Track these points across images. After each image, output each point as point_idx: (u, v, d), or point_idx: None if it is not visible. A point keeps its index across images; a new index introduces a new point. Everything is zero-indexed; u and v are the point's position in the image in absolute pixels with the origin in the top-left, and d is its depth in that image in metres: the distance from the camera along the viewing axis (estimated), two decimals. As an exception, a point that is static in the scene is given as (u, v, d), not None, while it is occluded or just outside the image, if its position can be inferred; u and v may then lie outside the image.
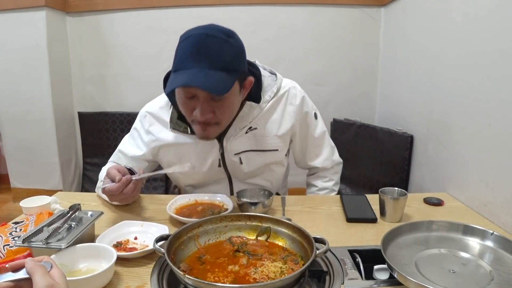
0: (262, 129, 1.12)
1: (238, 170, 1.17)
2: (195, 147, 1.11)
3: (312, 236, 0.74)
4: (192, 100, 0.95)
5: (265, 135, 1.12)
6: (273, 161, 1.18)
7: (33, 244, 0.76)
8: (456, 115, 1.38)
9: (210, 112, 0.95)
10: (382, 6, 2.42)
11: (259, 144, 1.13)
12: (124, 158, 1.19)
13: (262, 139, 1.12)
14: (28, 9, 2.36)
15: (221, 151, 1.13)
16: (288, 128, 1.14)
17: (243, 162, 1.14)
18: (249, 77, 1.00)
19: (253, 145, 1.13)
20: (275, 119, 1.13)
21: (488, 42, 1.18)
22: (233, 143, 1.11)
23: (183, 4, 2.47)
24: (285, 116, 1.14)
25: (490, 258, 0.79)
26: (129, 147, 1.19)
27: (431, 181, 1.61)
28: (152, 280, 0.74)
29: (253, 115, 1.09)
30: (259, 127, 1.11)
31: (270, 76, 1.14)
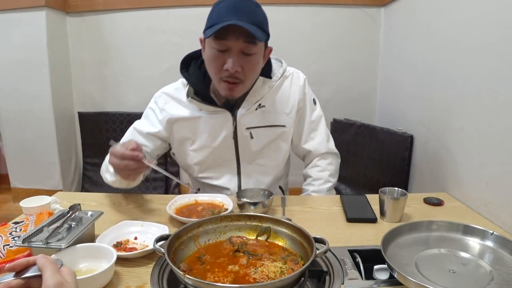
0: (270, 107, 1.19)
1: (248, 148, 1.21)
2: (209, 121, 1.17)
3: (312, 236, 0.74)
4: (224, 54, 1.02)
5: (273, 111, 1.20)
6: (280, 137, 1.23)
7: (33, 244, 0.76)
8: (456, 115, 1.38)
9: (239, 66, 1.02)
10: (382, 6, 2.42)
11: (268, 120, 1.20)
12: (139, 135, 1.21)
13: (271, 115, 1.20)
14: (28, 9, 2.36)
15: (235, 125, 1.17)
16: (294, 105, 1.22)
17: (253, 137, 1.19)
18: (269, 46, 1.11)
19: (262, 122, 1.19)
20: (282, 97, 1.21)
21: (488, 42, 1.18)
22: (245, 118, 1.17)
23: (183, 4, 2.47)
24: (290, 94, 1.22)
25: (490, 258, 0.79)
26: (144, 124, 1.23)
27: (431, 181, 1.61)
28: (152, 280, 0.74)
29: (264, 92, 1.17)
30: (268, 105, 1.19)
31: (277, 62, 1.25)
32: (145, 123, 1.23)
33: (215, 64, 1.04)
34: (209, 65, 1.07)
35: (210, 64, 1.06)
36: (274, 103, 1.20)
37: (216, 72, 1.05)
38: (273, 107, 1.20)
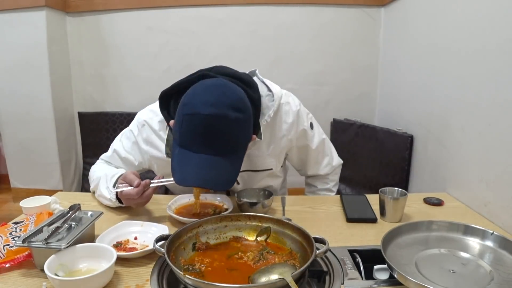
0: (256, 150, 1.11)
1: (234, 188, 1.18)
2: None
3: (312, 236, 0.74)
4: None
5: (259, 155, 1.12)
6: (268, 177, 1.20)
7: (33, 244, 0.76)
8: (456, 115, 1.38)
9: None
10: (382, 6, 2.42)
11: (253, 165, 1.13)
12: (119, 160, 1.19)
13: (257, 159, 1.13)
14: (28, 9, 2.36)
15: None
16: (282, 147, 1.14)
17: (239, 182, 1.17)
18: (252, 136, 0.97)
19: (248, 166, 1.13)
20: (269, 140, 1.12)
21: (488, 42, 1.18)
22: None
23: (183, 4, 2.47)
24: (278, 134, 1.12)
25: (490, 258, 0.79)
26: (125, 150, 1.18)
27: (431, 181, 1.61)
28: (152, 280, 0.74)
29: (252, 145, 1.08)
30: (254, 148, 1.11)
31: (268, 96, 1.10)
32: (126, 148, 1.17)
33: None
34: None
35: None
36: (260, 147, 1.11)
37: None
38: (259, 151, 1.11)
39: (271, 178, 1.22)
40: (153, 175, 1.07)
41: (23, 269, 0.80)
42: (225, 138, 0.86)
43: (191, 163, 0.86)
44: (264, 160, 1.13)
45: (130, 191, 0.95)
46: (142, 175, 1.05)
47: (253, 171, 1.15)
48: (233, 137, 0.88)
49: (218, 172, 0.86)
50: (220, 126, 0.85)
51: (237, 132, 0.88)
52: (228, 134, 0.87)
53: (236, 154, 0.90)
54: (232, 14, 2.46)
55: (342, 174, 1.39)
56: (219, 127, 0.85)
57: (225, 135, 0.86)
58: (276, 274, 0.66)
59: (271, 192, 1.10)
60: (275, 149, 1.13)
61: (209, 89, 0.89)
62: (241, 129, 0.89)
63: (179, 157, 0.88)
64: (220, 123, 0.84)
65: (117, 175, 1.07)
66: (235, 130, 0.87)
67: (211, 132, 0.85)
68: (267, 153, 1.12)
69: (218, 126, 0.84)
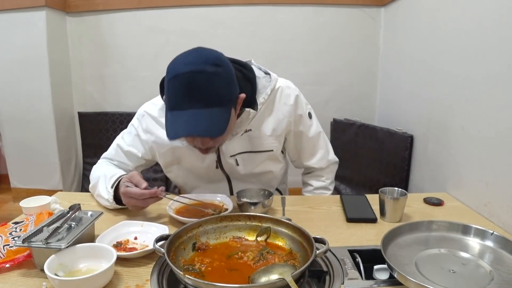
0: (256, 131, 1.12)
1: (235, 171, 1.19)
2: (192, 150, 1.09)
3: (312, 236, 0.74)
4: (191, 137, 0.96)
5: (260, 136, 1.13)
6: (269, 160, 1.20)
7: (33, 244, 0.76)
8: (456, 115, 1.38)
9: (210, 141, 0.97)
10: (382, 6, 2.42)
11: (254, 146, 1.14)
12: (122, 154, 1.19)
13: (257, 140, 1.13)
14: (28, 9, 2.36)
15: (217, 154, 1.14)
16: (282, 128, 1.15)
17: (239, 163, 1.16)
18: (240, 95, 0.99)
19: (248, 147, 1.14)
20: (269, 120, 1.13)
21: (488, 42, 1.18)
22: (229, 146, 1.12)
23: (183, 4, 2.47)
24: (279, 116, 1.14)
25: (490, 258, 0.79)
26: (127, 143, 1.19)
27: (431, 181, 1.61)
28: (152, 280, 0.74)
29: (250, 120, 1.10)
30: (254, 128, 1.12)
31: (265, 77, 1.13)
32: (128, 142, 1.19)
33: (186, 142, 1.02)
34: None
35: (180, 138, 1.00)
36: (260, 127, 1.12)
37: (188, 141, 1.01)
38: (260, 131, 1.12)
39: (271, 162, 1.21)
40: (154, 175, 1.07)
41: (23, 269, 0.80)
42: (207, 91, 0.89)
43: (181, 119, 0.89)
44: (264, 141, 1.14)
45: (135, 191, 0.96)
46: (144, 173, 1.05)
47: (253, 152, 1.15)
48: (215, 90, 0.90)
49: (207, 122, 0.89)
50: (200, 81, 0.88)
51: (218, 84, 0.91)
52: (210, 87, 0.89)
53: (223, 107, 0.92)
54: (232, 14, 2.46)
55: (342, 174, 1.39)
56: (199, 82, 0.88)
57: (207, 88, 0.89)
58: (276, 274, 0.66)
59: (271, 192, 1.10)
60: (276, 131, 1.14)
61: (186, 52, 0.95)
62: (221, 82, 0.91)
63: (170, 119, 0.92)
64: (200, 78, 0.88)
65: (117, 176, 1.07)
66: (216, 83, 0.90)
67: (193, 88, 0.89)
68: (268, 134, 1.13)
69: (198, 81, 0.88)
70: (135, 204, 0.98)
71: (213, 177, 1.21)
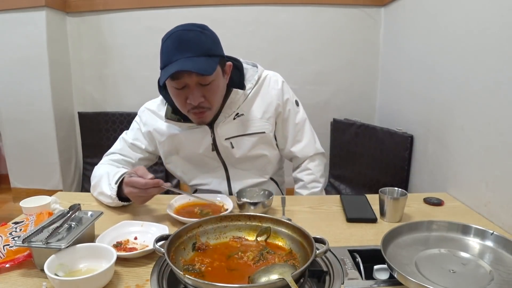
0: (248, 115, 1.20)
1: (230, 155, 1.23)
2: (189, 136, 1.20)
3: (312, 236, 0.74)
4: (183, 90, 1.04)
5: (251, 119, 1.20)
6: (262, 144, 1.24)
7: (33, 244, 0.76)
8: (456, 115, 1.38)
9: (201, 97, 1.04)
10: (382, 6, 2.42)
11: (246, 128, 1.21)
12: (127, 147, 1.26)
13: (249, 123, 1.20)
14: (28, 9, 2.36)
15: (213, 136, 1.19)
16: (272, 111, 1.22)
17: (234, 146, 1.21)
18: (227, 62, 1.11)
19: (242, 130, 1.20)
20: (259, 104, 1.21)
21: (488, 42, 1.18)
22: (223, 129, 1.18)
23: (183, 4, 2.47)
24: (267, 99, 1.22)
25: (490, 258, 0.79)
26: (130, 137, 1.27)
27: (431, 181, 1.61)
28: (152, 280, 0.74)
29: (239, 102, 1.17)
30: (246, 113, 1.20)
31: (252, 68, 1.23)
32: (131, 136, 1.27)
33: (179, 100, 1.07)
34: (174, 101, 1.10)
35: (175, 100, 1.09)
36: (251, 111, 1.20)
37: (182, 106, 1.08)
38: (251, 115, 1.20)
39: (265, 146, 1.25)
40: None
41: (23, 269, 0.80)
42: (195, 44, 0.99)
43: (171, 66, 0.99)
44: (255, 124, 1.21)
45: (138, 180, 0.97)
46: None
47: (246, 135, 1.21)
48: (202, 43, 1.01)
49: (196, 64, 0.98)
50: (189, 36, 1.00)
51: (205, 40, 1.02)
52: (197, 41, 1.00)
53: (210, 58, 1.01)
54: (232, 14, 2.46)
55: (342, 174, 1.39)
56: (188, 36, 1.00)
57: (195, 42, 1.00)
58: (276, 274, 0.66)
59: (271, 192, 1.10)
60: (266, 113, 1.22)
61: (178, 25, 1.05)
62: (208, 39, 1.03)
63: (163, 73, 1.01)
64: (189, 34, 1.00)
65: (120, 172, 1.09)
66: (203, 39, 1.01)
67: (183, 42, 0.99)
68: (259, 117, 1.21)
69: (187, 36, 1.00)
70: (138, 194, 0.99)
71: (210, 164, 1.26)
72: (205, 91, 1.04)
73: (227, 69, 1.11)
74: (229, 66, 1.11)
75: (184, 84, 1.02)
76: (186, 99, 1.05)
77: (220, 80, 1.07)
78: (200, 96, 1.04)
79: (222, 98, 1.13)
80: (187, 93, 1.04)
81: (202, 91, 1.04)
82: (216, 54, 1.04)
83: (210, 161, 1.25)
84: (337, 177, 2.33)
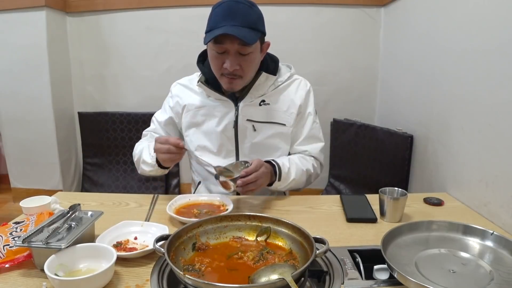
0: (274, 105, 1.27)
1: (247, 139, 1.26)
2: (214, 109, 1.27)
3: (312, 236, 0.74)
4: (223, 55, 1.12)
5: (276, 109, 1.27)
6: (279, 135, 1.28)
7: (33, 244, 0.76)
8: (456, 115, 1.38)
9: (237, 65, 1.12)
10: (382, 6, 2.42)
11: (270, 117, 1.27)
12: (157, 124, 1.35)
13: (273, 112, 1.27)
14: (28, 9, 2.36)
15: (236, 114, 1.24)
16: (296, 107, 1.28)
17: (256, 129, 1.26)
18: (267, 41, 1.20)
19: (264, 117, 1.26)
20: (285, 98, 1.28)
21: (488, 42, 1.18)
22: (247, 110, 1.25)
23: (183, 4, 2.47)
24: (294, 96, 1.29)
25: (490, 258, 0.79)
26: (159, 114, 1.38)
27: (431, 181, 1.61)
28: (152, 280, 0.74)
29: (267, 87, 1.25)
30: (272, 103, 1.27)
31: (286, 67, 1.35)
32: (160, 113, 1.38)
33: (216, 63, 1.15)
34: (211, 64, 1.18)
35: (212, 63, 1.17)
36: (277, 102, 1.27)
37: (217, 69, 1.16)
38: (277, 105, 1.27)
39: (281, 140, 1.29)
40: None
41: (23, 269, 0.80)
42: (243, 15, 1.08)
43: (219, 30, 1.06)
44: (279, 115, 1.27)
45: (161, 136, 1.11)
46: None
47: (268, 122, 1.26)
48: (249, 16, 1.10)
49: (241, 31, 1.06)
50: (238, 7, 1.09)
51: (252, 14, 1.11)
52: (245, 13, 1.09)
53: (253, 32, 1.09)
54: (232, 14, 2.45)
55: (342, 174, 1.39)
56: (237, 7, 1.08)
57: (242, 13, 1.09)
58: (276, 274, 0.66)
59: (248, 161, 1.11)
60: (290, 108, 1.28)
61: None
62: (254, 14, 1.12)
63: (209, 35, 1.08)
64: (239, 5, 1.09)
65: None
66: (250, 12, 1.11)
67: (232, 11, 1.08)
68: (284, 109, 1.27)
69: (236, 7, 1.08)
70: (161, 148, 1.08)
71: (224, 146, 1.28)
72: (242, 60, 1.12)
73: (265, 47, 1.21)
74: (267, 45, 1.21)
75: (224, 50, 1.11)
76: (223, 63, 1.13)
77: (257, 54, 1.16)
78: (236, 64, 1.12)
79: (255, 72, 1.21)
80: (225, 57, 1.12)
81: (239, 59, 1.12)
82: (259, 29, 1.12)
83: (225, 143, 1.27)
84: (337, 177, 2.33)
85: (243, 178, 1.04)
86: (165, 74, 2.53)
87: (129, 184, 2.68)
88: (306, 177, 1.28)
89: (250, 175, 1.05)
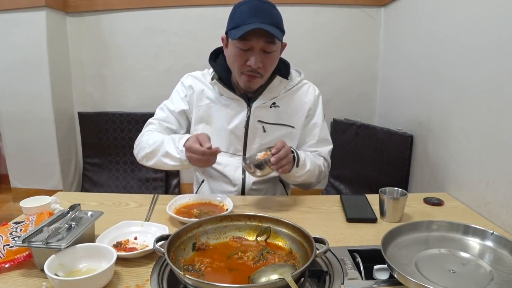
0: (284, 107, 1.29)
1: (256, 140, 1.27)
2: (226, 107, 1.27)
3: (312, 236, 0.74)
4: (247, 52, 1.13)
5: (286, 112, 1.29)
6: (288, 137, 1.29)
7: (33, 244, 0.76)
8: (456, 115, 1.38)
9: (261, 62, 1.14)
10: (382, 6, 2.42)
11: (279, 119, 1.29)
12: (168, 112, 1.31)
13: (283, 115, 1.29)
14: (28, 9, 2.36)
15: (248, 115, 1.25)
16: (305, 110, 1.31)
17: (266, 130, 1.27)
18: (284, 42, 1.21)
19: (274, 119, 1.28)
20: (295, 102, 1.30)
21: (488, 42, 1.18)
22: (259, 111, 1.26)
23: (183, 4, 2.46)
24: (303, 100, 1.31)
25: (490, 258, 0.79)
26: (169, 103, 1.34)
27: (431, 181, 1.61)
28: (152, 280, 0.74)
29: (279, 90, 1.27)
30: (282, 105, 1.28)
31: (296, 72, 1.37)
32: (171, 102, 1.34)
33: (239, 59, 1.16)
34: (233, 61, 1.18)
35: (235, 60, 1.17)
36: (288, 105, 1.29)
37: (239, 67, 1.17)
38: (287, 108, 1.29)
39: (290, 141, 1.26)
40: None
41: (23, 269, 0.80)
42: (271, 14, 1.12)
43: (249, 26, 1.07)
44: (289, 117, 1.29)
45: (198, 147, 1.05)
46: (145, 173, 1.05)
47: (278, 124, 1.28)
48: (275, 15, 1.13)
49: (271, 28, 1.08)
50: (265, 6, 1.12)
51: (277, 13, 1.14)
52: (272, 12, 1.12)
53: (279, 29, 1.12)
54: (232, 14, 2.45)
55: (342, 174, 1.39)
56: (264, 6, 1.11)
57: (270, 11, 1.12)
58: (276, 274, 0.66)
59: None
60: (299, 111, 1.30)
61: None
62: (279, 15, 1.15)
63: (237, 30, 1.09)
64: (264, 5, 1.12)
65: (186, 137, 1.14)
66: (276, 12, 1.14)
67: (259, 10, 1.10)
68: (293, 112, 1.29)
69: (263, 6, 1.11)
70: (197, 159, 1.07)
71: (233, 145, 1.27)
72: (265, 58, 1.14)
73: (282, 48, 1.23)
74: (284, 46, 1.23)
75: (249, 46, 1.12)
76: (246, 61, 1.14)
77: (278, 53, 1.19)
78: (260, 62, 1.13)
79: (273, 70, 1.22)
80: (249, 55, 1.13)
81: (262, 57, 1.14)
82: (282, 29, 1.15)
83: (233, 142, 1.27)
84: (337, 177, 2.33)
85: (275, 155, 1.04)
86: (165, 74, 2.53)
87: (129, 184, 2.68)
88: (318, 172, 1.27)
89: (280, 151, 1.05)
